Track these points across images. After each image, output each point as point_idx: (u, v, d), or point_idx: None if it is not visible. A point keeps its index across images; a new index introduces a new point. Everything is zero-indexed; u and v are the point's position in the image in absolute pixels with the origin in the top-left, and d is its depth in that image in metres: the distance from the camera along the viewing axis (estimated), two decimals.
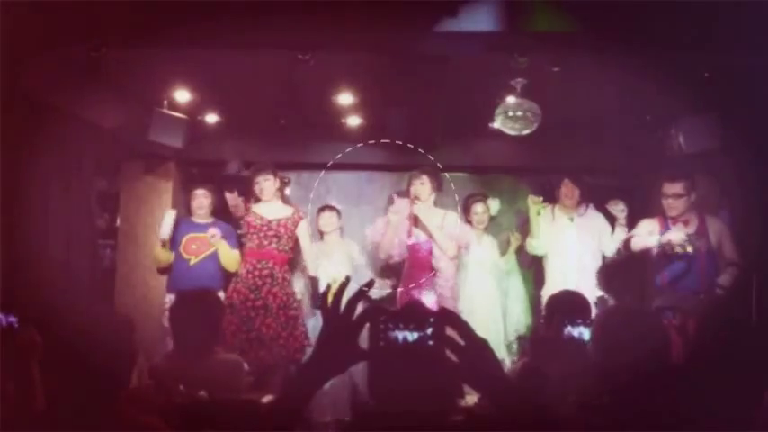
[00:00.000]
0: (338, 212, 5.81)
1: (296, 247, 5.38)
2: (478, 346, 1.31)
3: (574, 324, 2.84)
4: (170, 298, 5.30)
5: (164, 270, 5.60)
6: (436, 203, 5.44)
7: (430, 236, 5.23)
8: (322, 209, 5.81)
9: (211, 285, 4.91)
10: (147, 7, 3.54)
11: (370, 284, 1.47)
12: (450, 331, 1.31)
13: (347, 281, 1.44)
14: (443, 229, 5.25)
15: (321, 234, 5.74)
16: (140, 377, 3.12)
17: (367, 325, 1.34)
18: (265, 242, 5.16)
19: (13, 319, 2.43)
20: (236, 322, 4.95)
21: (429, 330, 1.30)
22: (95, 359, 1.89)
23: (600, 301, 5.15)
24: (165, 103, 5.16)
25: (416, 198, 5.24)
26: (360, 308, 1.36)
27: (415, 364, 1.32)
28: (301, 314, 5.27)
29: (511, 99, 4.71)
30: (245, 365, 3.47)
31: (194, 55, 4.24)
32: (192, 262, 5.41)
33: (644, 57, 3.88)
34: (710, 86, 4.23)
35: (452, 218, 5.38)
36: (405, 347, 1.30)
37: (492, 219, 5.88)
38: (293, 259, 5.35)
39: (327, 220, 5.71)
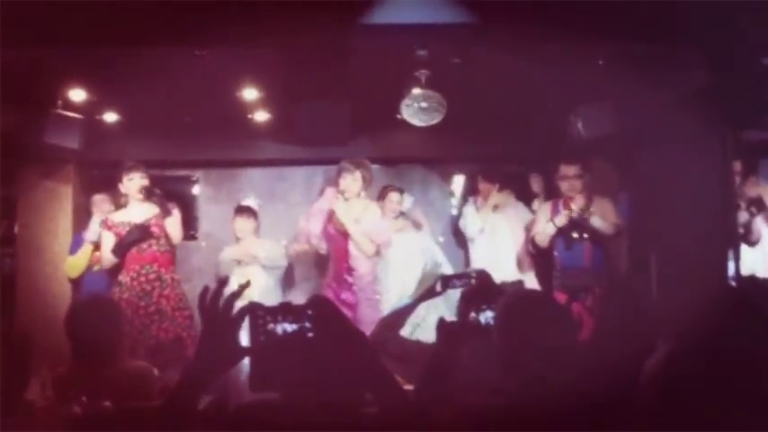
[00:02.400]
0: (255, 215, 5.63)
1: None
2: (355, 338, 1.34)
3: (481, 310, 2.87)
4: None
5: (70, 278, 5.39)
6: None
7: (345, 233, 5.09)
8: (239, 212, 5.60)
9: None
10: (39, 4, 3.39)
11: (246, 284, 1.47)
12: (327, 322, 1.33)
13: (225, 280, 1.45)
14: (360, 223, 5.10)
15: (237, 239, 5.56)
16: (44, 389, 2.99)
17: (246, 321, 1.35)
18: (144, 246, 4.89)
19: None
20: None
21: (307, 323, 1.32)
22: None
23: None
24: (60, 103, 4.95)
25: (343, 192, 5.09)
26: (237, 305, 1.36)
27: (296, 356, 1.33)
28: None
29: (416, 90, 4.75)
30: (156, 371, 3.36)
31: (88, 52, 4.08)
32: (96, 268, 5.24)
33: (541, 47, 3.98)
34: (605, 74, 4.39)
35: (373, 210, 5.24)
36: (284, 340, 1.32)
37: (402, 214, 5.82)
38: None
39: (242, 225, 5.53)
